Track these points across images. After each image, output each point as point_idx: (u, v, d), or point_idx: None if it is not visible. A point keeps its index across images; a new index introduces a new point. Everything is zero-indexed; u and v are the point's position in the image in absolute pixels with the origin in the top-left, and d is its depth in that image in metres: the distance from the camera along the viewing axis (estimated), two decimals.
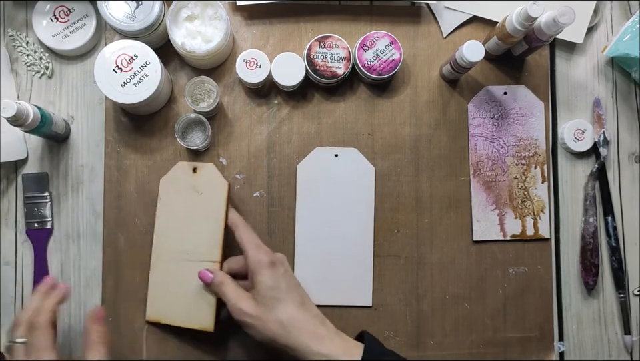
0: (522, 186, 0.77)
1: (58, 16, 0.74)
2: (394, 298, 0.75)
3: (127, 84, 0.66)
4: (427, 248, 0.76)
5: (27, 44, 0.75)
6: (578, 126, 0.78)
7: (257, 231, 0.74)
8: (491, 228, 0.77)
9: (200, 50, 0.69)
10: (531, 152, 0.78)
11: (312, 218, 0.75)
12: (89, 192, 0.75)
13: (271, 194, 0.75)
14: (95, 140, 0.75)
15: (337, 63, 0.73)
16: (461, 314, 0.76)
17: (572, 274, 0.78)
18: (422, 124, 0.77)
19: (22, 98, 0.75)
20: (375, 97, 0.77)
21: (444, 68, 0.75)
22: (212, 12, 0.70)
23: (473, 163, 0.77)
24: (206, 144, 0.73)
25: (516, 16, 0.66)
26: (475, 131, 0.77)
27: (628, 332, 0.78)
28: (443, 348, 0.75)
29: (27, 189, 0.74)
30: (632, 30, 0.76)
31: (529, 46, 0.72)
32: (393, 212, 0.76)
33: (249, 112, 0.76)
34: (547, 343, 0.77)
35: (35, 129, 0.66)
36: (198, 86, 0.72)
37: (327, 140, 0.76)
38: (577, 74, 0.80)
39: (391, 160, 0.77)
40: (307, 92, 0.77)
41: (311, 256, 0.75)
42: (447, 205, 0.77)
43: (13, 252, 0.74)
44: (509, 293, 0.77)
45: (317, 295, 0.73)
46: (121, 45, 0.67)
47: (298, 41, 0.77)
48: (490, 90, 0.78)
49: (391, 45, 0.73)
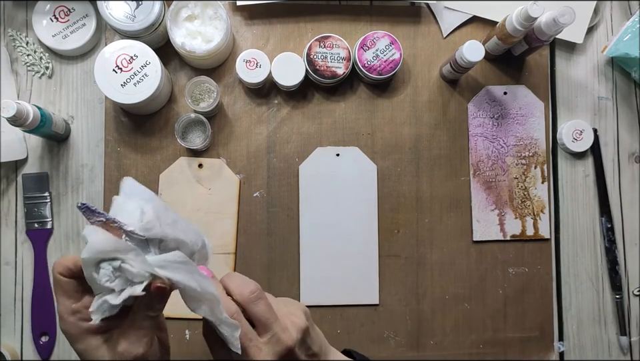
0: (522, 186, 0.77)
1: (58, 16, 0.74)
2: (394, 298, 0.75)
3: (127, 84, 0.66)
4: (427, 248, 0.76)
5: (27, 44, 0.75)
6: (576, 127, 0.78)
7: (257, 231, 0.75)
8: (490, 228, 0.77)
9: (200, 50, 0.69)
10: (531, 152, 0.78)
11: (315, 218, 0.75)
12: (89, 192, 0.75)
13: (271, 194, 0.75)
14: (95, 140, 0.75)
15: (336, 63, 0.73)
16: (460, 314, 0.76)
17: (572, 274, 0.78)
18: (422, 124, 0.77)
19: (22, 98, 0.75)
20: (375, 97, 0.77)
21: (444, 68, 0.75)
22: (212, 12, 0.70)
23: (472, 163, 0.77)
24: (206, 144, 0.73)
25: (516, 17, 0.66)
26: (475, 131, 0.77)
27: (624, 333, 0.78)
28: (443, 348, 0.75)
29: (27, 189, 0.74)
30: (632, 30, 0.76)
31: (529, 46, 0.72)
32: (393, 212, 0.76)
33: (249, 112, 0.76)
34: (547, 343, 0.77)
35: (35, 129, 0.66)
36: (198, 86, 0.72)
37: (327, 140, 0.76)
38: (576, 74, 0.80)
39: (391, 160, 0.77)
40: (307, 92, 0.77)
41: (315, 256, 0.75)
42: (447, 205, 0.77)
43: (13, 252, 0.74)
44: (509, 293, 0.77)
45: (323, 295, 0.74)
46: (121, 45, 0.67)
47: (298, 41, 0.77)
48: (490, 90, 0.78)
49: (390, 45, 0.73)
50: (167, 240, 0.43)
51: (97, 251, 0.41)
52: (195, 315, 0.72)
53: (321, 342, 0.52)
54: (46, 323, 0.73)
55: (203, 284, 0.43)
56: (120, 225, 0.41)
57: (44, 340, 0.73)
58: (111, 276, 0.41)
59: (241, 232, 0.74)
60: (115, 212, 0.42)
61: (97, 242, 0.41)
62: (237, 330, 0.45)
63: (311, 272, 0.74)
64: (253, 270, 0.74)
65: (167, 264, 0.42)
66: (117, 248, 0.41)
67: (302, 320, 0.49)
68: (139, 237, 0.42)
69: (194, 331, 0.73)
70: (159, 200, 0.45)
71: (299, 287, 0.74)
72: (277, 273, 0.75)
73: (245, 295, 0.46)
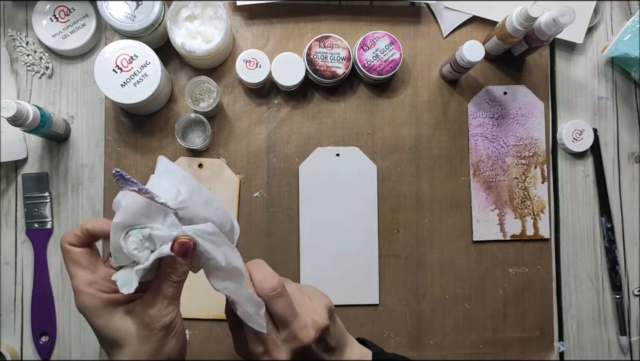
0: (522, 186, 0.77)
1: (58, 16, 0.74)
2: (394, 298, 0.75)
3: (127, 84, 0.66)
4: (427, 248, 0.76)
5: (27, 44, 0.75)
6: (576, 127, 0.78)
7: (257, 231, 0.75)
8: (490, 228, 0.77)
9: (200, 50, 0.69)
10: (531, 152, 0.78)
11: (315, 218, 0.75)
12: (89, 192, 0.75)
13: (271, 194, 0.75)
14: (95, 140, 0.75)
15: (336, 63, 0.73)
16: (461, 314, 0.76)
17: (572, 274, 0.78)
18: (422, 124, 0.77)
19: (22, 98, 0.75)
20: (375, 97, 0.77)
21: (444, 68, 0.75)
22: (212, 12, 0.70)
23: (473, 163, 0.77)
24: (206, 144, 0.73)
25: (516, 16, 0.66)
26: (475, 131, 0.77)
27: (624, 333, 0.78)
28: (443, 348, 0.75)
29: (27, 189, 0.74)
30: (632, 30, 0.76)
31: (528, 46, 0.72)
32: (393, 212, 0.76)
33: (249, 112, 0.76)
34: (547, 343, 0.77)
35: (35, 129, 0.66)
36: (198, 86, 0.72)
37: (326, 140, 0.76)
38: (576, 74, 0.80)
39: (391, 160, 0.77)
40: (307, 92, 0.77)
41: (315, 256, 0.75)
42: (447, 205, 0.77)
43: (13, 252, 0.74)
44: (509, 293, 0.77)
45: None
46: (121, 45, 0.67)
47: (298, 41, 0.77)
48: (490, 90, 0.78)
49: (390, 45, 0.73)
50: (197, 220, 0.42)
51: (130, 214, 0.40)
52: (195, 315, 0.73)
53: (339, 336, 0.51)
54: (46, 323, 0.73)
55: (230, 258, 0.43)
56: (152, 196, 0.40)
57: (44, 340, 0.73)
58: (139, 245, 0.40)
59: (241, 232, 0.74)
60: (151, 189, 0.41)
61: (130, 205, 0.40)
62: (261, 307, 0.44)
63: (311, 272, 0.74)
64: None
65: (197, 232, 0.41)
66: (149, 213, 0.40)
67: (323, 318, 0.48)
68: (171, 210, 0.41)
69: (194, 331, 0.73)
70: (192, 180, 0.44)
71: None
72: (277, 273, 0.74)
73: (266, 291, 0.46)
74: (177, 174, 0.44)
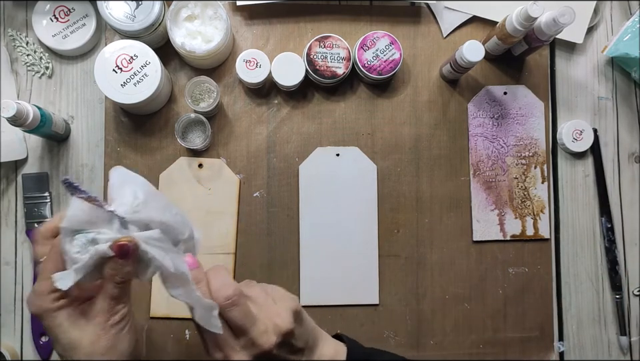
0: (522, 186, 0.77)
1: (58, 16, 0.74)
2: (394, 298, 0.75)
3: (127, 84, 0.66)
4: (426, 248, 0.76)
5: (26, 44, 0.75)
6: (576, 127, 0.78)
7: (257, 231, 0.75)
8: (491, 228, 0.77)
9: (200, 50, 0.69)
10: (531, 152, 0.78)
11: (315, 218, 0.75)
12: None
13: (271, 194, 0.75)
14: (95, 140, 0.75)
15: (336, 63, 0.73)
16: (461, 314, 0.76)
17: (572, 274, 0.78)
18: (422, 124, 0.77)
19: (22, 98, 0.75)
20: (375, 97, 0.77)
21: (444, 68, 0.75)
22: (212, 12, 0.70)
23: (473, 163, 0.77)
24: (206, 144, 0.73)
25: (516, 16, 0.66)
26: (475, 131, 0.77)
27: (623, 333, 0.78)
28: (443, 348, 0.75)
29: (26, 189, 0.74)
30: (632, 30, 0.76)
31: (528, 46, 0.72)
32: (393, 212, 0.76)
33: (249, 112, 0.76)
34: (547, 343, 0.77)
35: (35, 129, 0.66)
36: (198, 86, 0.72)
37: (326, 140, 0.76)
38: (576, 74, 0.80)
39: (391, 160, 0.77)
40: (307, 92, 0.77)
41: (315, 256, 0.75)
42: (447, 205, 0.77)
43: (13, 252, 0.74)
44: (509, 293, 0.77)
45: (323, 295, 0.74)
46: (121, 45, 0.67)
47: (298, 41, 0.77)
48: (490, 90, 0.78)
49: (390, 45, 0.73)
50: (152, 225, 0.44)
51: (76, 220, 0.41)
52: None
53: (307, 337, 0.51)
54: None
55: (177, 263, 0.44)
56: (100, 203, 0.42)
57: (44, 340, 0.73)
58: (82, 248, 0.42)
59: (241, 232, 0.74)
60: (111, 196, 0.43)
61: (76, 211, 0.41)
62: (214, 309, 0.45)
63: (311, 272, 0.74)
64: (253, 270, 0.74)
65: (143, 238, 0.43)
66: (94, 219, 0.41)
67: (286, 322, 0.48)
68: (120, 218, 0.42)
69: (194, 331, 0.73)
70: (151, 186, 0.45)
71: (299, 287, 0.74)
72: (277, 273, 0.75)
73: (220, 300, 0.46)
74: (137, 180, 0.45)
